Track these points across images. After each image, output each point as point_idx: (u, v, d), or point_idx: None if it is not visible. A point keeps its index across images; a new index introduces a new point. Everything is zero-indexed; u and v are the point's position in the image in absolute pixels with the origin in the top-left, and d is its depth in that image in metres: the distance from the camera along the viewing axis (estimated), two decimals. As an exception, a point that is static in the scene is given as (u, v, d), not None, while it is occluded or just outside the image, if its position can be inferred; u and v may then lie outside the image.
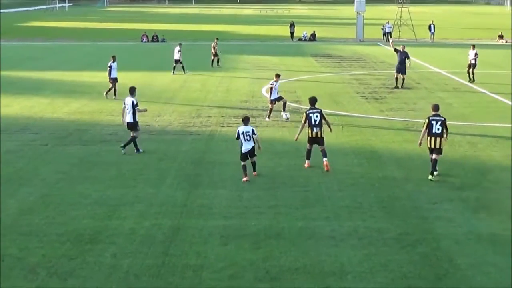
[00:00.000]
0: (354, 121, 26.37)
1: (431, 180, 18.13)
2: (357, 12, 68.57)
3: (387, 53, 53.67)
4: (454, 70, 41.85)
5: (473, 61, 36.54)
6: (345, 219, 15.20)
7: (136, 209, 15.89)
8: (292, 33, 69.61)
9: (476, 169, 19.44)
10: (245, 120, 18.45)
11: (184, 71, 40.59)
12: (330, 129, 20.02)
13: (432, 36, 67.28)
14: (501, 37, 67.48)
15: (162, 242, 13.86)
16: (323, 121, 19.31)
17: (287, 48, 59.86)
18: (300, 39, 68.43)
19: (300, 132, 19.68)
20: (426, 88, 34.82)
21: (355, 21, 70.21)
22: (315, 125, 19.20)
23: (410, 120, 26.46)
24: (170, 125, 25.75)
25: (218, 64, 44.12)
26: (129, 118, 21.42)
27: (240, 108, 29.12)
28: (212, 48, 44.54)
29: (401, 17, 71.35)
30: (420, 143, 18.67)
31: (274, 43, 65.15)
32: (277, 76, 26.66)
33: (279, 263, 12.87)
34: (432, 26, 67.30)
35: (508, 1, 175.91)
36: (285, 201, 16.45)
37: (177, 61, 40.61)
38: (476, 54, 36.50)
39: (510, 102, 30.28)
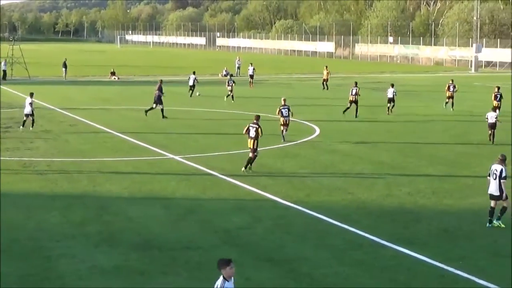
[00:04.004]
0: (-33, 163, 25.00)
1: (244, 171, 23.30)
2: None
3: (6, 94, 51.98)
4: (71, 107, 42.09)
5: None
6: (-38, 268, 14.27)
7: None
8: None
9: (96, 203, 19.66)
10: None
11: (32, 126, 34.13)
12: None
13: (65, 73, 66.58)
14: (113, 73, 69.50)
15: None
16: None
17: None
18: None
19: None
20: (41, 125, 34.40)
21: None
22: None
23: (27, 159, 25.88)
24: None
25: None
26: None
27: None
28: None
29: (12, 54, 69.72)
30: None
31: None
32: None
33: None
34: (65, 63, 66.84)
35: (118, 39, 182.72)
36: None
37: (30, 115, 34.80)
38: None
39: (125, 137, 31.27)
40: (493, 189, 17.47)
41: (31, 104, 32.78)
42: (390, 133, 33.21)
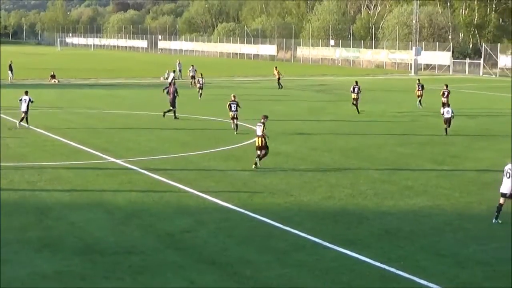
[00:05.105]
0: None
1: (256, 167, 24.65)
2: None
3: None
4: (10, 110, 41.32)
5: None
6: None
7: None
8: None
9: (37, 208, 19.34)
10: None
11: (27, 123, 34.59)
12: None
13: (11, 76, 65.43)
14: (53, 76, 68.47)
15: None
16: None
17: None
18: None
19: None
20: (-20, 129, 33.73)
21: None
22: None
23: (-35, 163, 25.34)
24: None
25: None
26: None
27: None
28: None
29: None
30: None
31: None
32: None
33: None
34: (11, 66, 65.68)
35: (59, 42, 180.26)
36: None
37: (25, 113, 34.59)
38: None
39: (66, 140, 30.86)
40: (505, 188, 17.99)
41: (26, 101, 34.36)
42: (332, 134, 33.52)
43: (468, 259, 15.33)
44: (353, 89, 42.53)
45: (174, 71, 56.15)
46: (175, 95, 39.02)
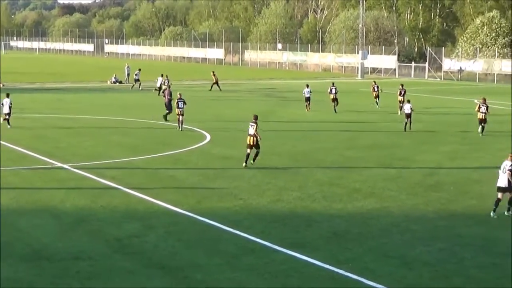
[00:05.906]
0: None
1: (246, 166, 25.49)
2: None
3: None
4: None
5: None
6: None
7: None
8: None
9: (-18, 215, 19.01)
10: None
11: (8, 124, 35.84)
12: None
13: None
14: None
15: None
16: None
17: None
18: None
19: None
20: None
21: None
22: None
23: None
24: None
25: None
26: None
27: None
28: None
29: None
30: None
31: None
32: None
33: None
34: None
35: (3, 45, 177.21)
36: None
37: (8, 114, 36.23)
38: None
39: (12, 146, 30.40)
40: (502, 182, 18.95)
41: (7, 103, 35.87)
42: (280, 137, 33.65)
43: (415, 260, 15.57)
44: (330, 90, 45.26)
45: (161, 75, 56.72)
46: (170, 98, 39.88)
